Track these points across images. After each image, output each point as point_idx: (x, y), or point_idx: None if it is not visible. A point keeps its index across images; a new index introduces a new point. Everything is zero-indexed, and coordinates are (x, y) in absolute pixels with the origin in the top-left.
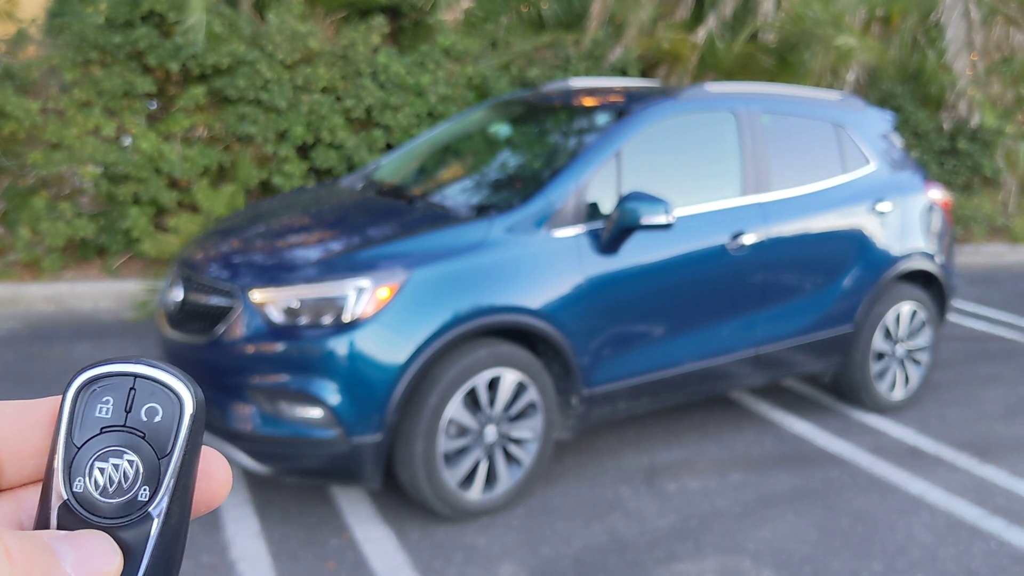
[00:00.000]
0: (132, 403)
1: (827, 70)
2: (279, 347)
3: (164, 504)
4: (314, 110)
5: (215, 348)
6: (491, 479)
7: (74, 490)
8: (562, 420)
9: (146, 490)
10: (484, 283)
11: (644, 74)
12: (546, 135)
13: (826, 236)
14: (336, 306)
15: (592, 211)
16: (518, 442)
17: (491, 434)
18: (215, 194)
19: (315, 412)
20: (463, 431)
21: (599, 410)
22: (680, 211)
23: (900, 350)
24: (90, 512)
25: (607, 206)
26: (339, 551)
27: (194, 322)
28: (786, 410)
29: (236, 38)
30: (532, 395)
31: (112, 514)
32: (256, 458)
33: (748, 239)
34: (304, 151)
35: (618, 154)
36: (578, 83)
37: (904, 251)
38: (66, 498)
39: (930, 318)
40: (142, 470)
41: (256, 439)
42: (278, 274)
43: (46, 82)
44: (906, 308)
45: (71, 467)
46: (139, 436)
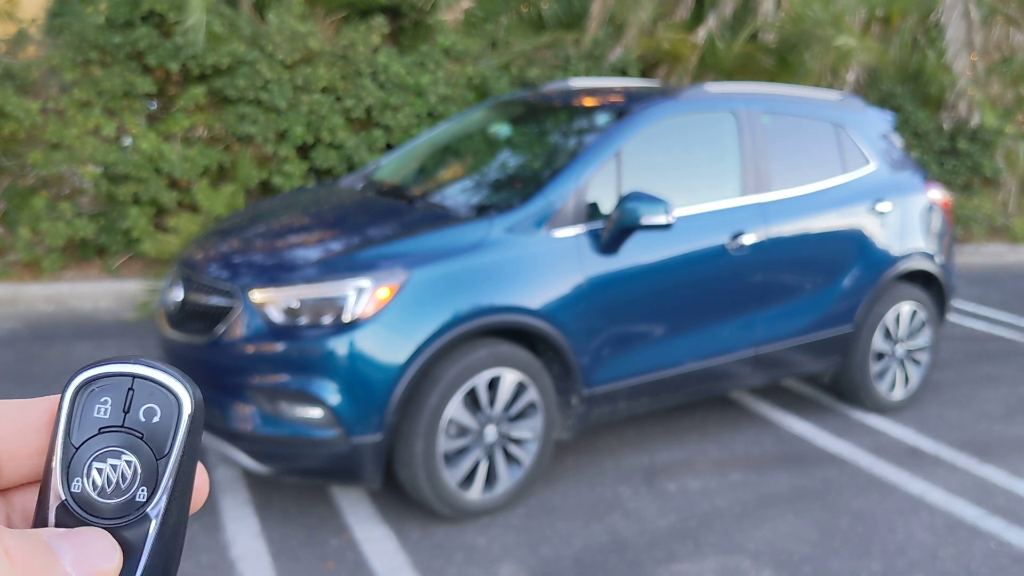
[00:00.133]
0: (130, 404)
1: (827, 70)
2: (279, 347)
3: (162, 505)
4: (314, 110)
5: (215, 348)
6: (491, 479)
7: (72, 490)
8: (562, 420)
9: (144, 491)
10: (484, 283)
11: (644, 74)
12: (546, 135)
13: (826, 236)
14: (336, 306)
15: (592, 211)
16: (518, 442)
17: (491, 434)
18: (215, 194)
19: (315, 412)
20: (463, 431)
21: (599, 410)
22: (680, 211)
23: (900, 350)
24: (88, 512)
25: (607, 206)
26: (339, 551)
27: (194, 322)
28: (786, 410)
29: (236, 38)
30: (532, 395)
31: (110, 514)
32: (256, 458)
33: (748, 239)
34: (304, 151)
35: (618, 154)
36: (578, 83)
37: (904, 251)
38: (64, 498)
39: (930, 318)
40: (140, 471)
41: (256, 439)
42: (278, 274)
43: (46, 82)
44: (906, 308)
45: (69, 467)
46: (137, 437)
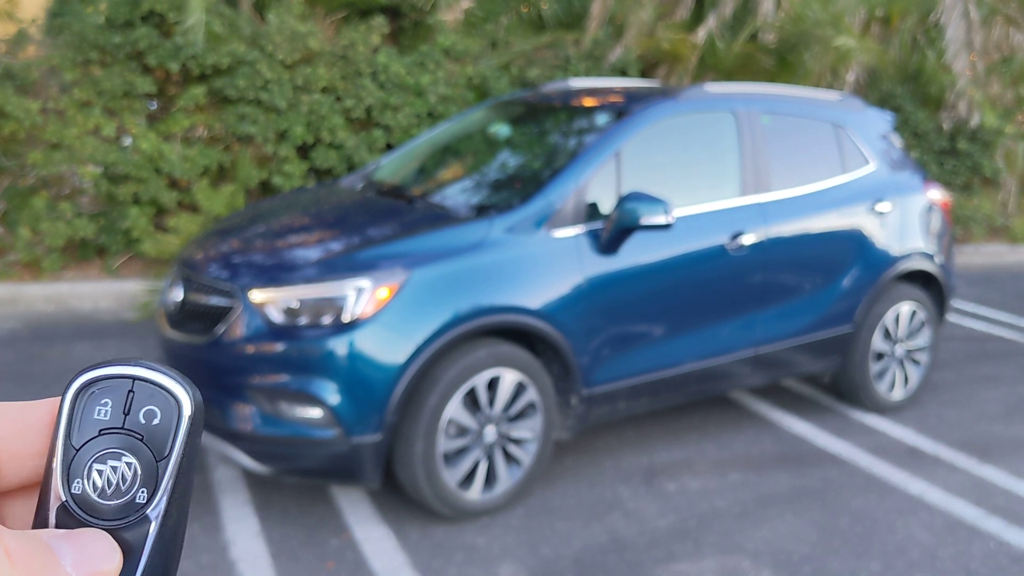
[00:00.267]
0: (130, 405)
1: (827, 70)
2: (279, 347)
3: (162, 506)
4: (314, 110)
5: (215, 348)
6: (491, 479)
7: (72, 492)
8: (561, 420)
9: (144, 492)
10: (484, 283)
11: (644, 74)
12: (546, 135)
13: (825, 236)
14: (336, 306)
15: (592, 211)
16: (517, 442)
17: (491, 434)
18: (215, 194)
19: (315, 412)
20: (463, 431)
21: (598, 410)
22: (679, 211)
23: (899, 350)
24: (88, 514)
25: (607, 206)
26: (339, 551)
27: (194, 322)
28: (785, 410)
29: (236, 38)
30: (532, 395)
31: (110, 516)
32: (256, 458)
33: (747, 239)
34: (304, 151)
35: (618, 154)
36: (578, 83)
37: (903, 251)
38: (64, 499)
39: (929, 318)
40: (140, 472)
41: (256, 439)
42: (278, 274)
43: (46, 82)
44: (905, 308)
45: (70, 469)
46: (137, 438)
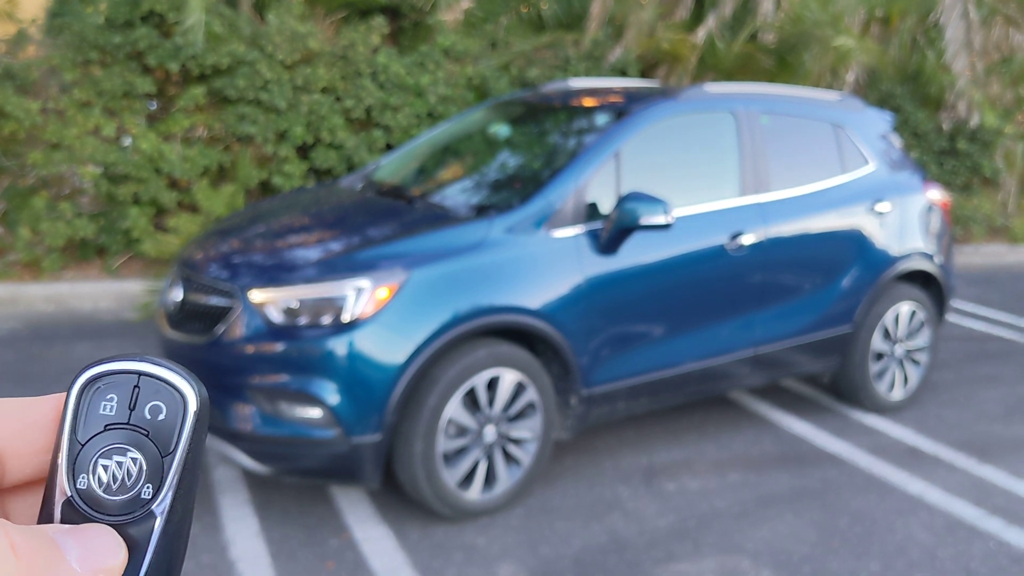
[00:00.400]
0: (136, 401)
1: (826, 70)
2: (279, 347)
3: (167, 502)
4: (314, 110)
5: (215, 348)
6: (490, 479)
7: (78, 487)
8: (561, 420)
9: (149, 488)
10: (483, 283)
11: (644, 74)
12: (546, 135)
13: (825, 236)
14: (335, 306)
15: (591, 211)
16: (517, 442)
17: (490, 434)
18: (215, 194)
19: (315, 412)
20: (462, 431)
21: (598, 410)
22: (679, 211)
23: (899, 350)
24: (94, 509)
25: (606, 206)
26: (339, 551)
27: (194, 322)
28: (785, 410)
29: (236, 38)
30: (531, 395)
31: (115, 511)
32: (256, 458)
33: (747, 239)
34: (304, 151)
35: (617, 154)
36: (578, 83)
37: (903, 251)
38: (70, 495)
39: (929, 318)
40: (146, 468)
41: (256, 439)
42: (278, 274)
43: (46, 82)
44: (905, 308)
45: (75, 464)
46: (143, 434)
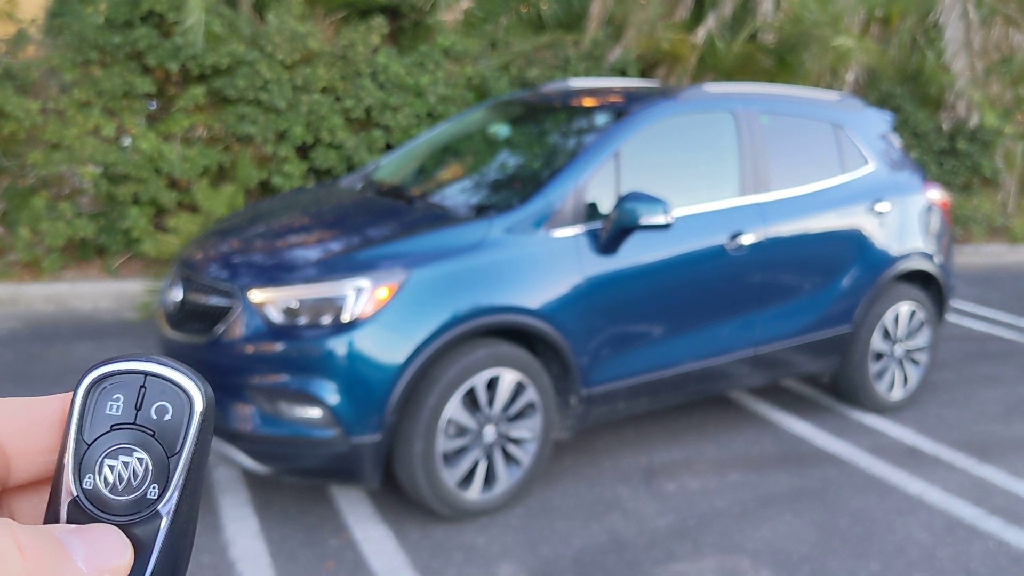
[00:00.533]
0: (142, 401)
1: (826, 70)
2: (278, 347)
3: (173, 502)
4: (314, 110)
5: (214, 348)
6: (490, 479)
7: (84, 487)
8: (561, 420)
9: (155, 488)
10: (483, 283)
11: (644, 74)
12: (545, 135)
13: (825, 236)
14: (335, 306)
15: (591, 211)
16: (517, 442)
17: (490, 434)
18: (215, 194)
19: (314, 412)
20: (462, 431)
21: (598, 410)
22: (679, 211)
23: (899, 350)
24: (99, 509)
25: (606, 206)
26: (338, 551)
27: (194, 322)
28: (785, 410)
29: (236, 38)
30: (531, 395)
31: (121, 511)
32: (256, 458)
33: (747, 239)
34: (304, 151)
35: (617, 154)
36: (577, 83)
37: (903, 251)
38: (76, 495)
39: (929, 318)
40: (151, 468)
41: (256, 439)
42: (277, 274)
43: (46, 82)
44: (905, 308)
45: (81, 464)
46: (149, 434)
